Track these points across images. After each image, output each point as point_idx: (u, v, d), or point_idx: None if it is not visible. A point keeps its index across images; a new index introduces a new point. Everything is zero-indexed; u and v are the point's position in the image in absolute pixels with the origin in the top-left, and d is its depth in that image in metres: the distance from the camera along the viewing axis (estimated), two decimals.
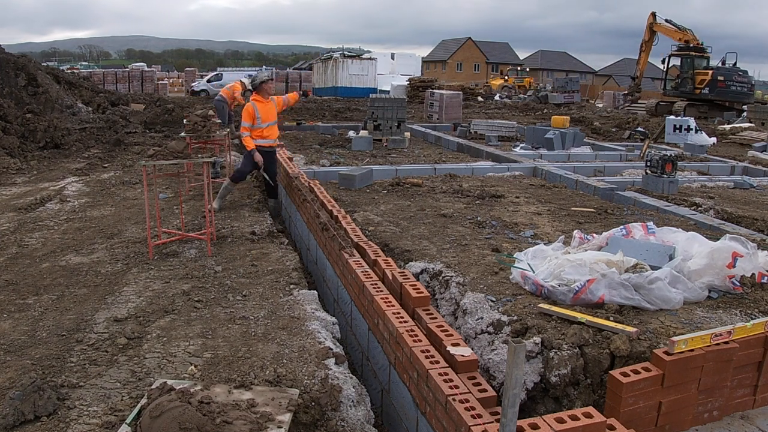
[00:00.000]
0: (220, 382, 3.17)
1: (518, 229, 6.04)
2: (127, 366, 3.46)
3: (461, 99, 21.38)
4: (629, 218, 6.54)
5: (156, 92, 32.57)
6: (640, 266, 4.05)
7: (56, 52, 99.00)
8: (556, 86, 35.17)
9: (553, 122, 17.18)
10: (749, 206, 7.78)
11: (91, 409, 3.00)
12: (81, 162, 10.89)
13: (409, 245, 5.43)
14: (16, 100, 12.91)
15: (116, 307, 4.33)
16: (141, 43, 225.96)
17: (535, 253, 4.53)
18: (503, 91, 39.03)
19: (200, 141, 7.74)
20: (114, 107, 17.64)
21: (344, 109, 23.73)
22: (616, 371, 2.93)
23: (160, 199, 7.56)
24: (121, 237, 6.21)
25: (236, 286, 4.77)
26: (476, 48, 70.41)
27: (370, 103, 13.53)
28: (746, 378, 3.29)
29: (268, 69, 43.22)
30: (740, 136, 17.44)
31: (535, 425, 2.40)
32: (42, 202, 7.70)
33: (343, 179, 8.43)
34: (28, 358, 3.55)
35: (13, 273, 5.12)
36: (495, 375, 3.51)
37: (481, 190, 7.88)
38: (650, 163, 8.63)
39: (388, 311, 3.59)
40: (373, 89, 31.53)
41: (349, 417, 3.16)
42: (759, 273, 4.21)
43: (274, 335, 3.83)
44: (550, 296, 3.97)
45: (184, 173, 6.93)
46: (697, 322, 3.69)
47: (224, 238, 6.16)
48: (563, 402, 3.40)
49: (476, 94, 35.48)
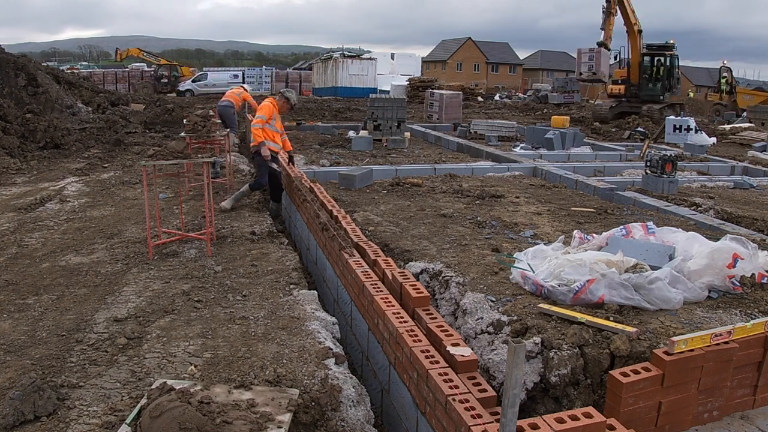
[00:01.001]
0: (220, 382, 3.17)
1: (518, 229, 6.04)
2: (127, 366, 3.45)
3: (461, 99, 21.38)
4: (629, 218, 6.54)
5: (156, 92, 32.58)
6: (640, 266, 4.05)
7: (56, 52, 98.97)
8: (556, 86, 35.16)
9: (553, 122, 17.20)
10: (749, 206, 7.78)
11: (91, 409, 3.00)
12: (81, 162, 10.88)
13: (409, 245, 5.43)
14: (16, 100, 12.90)
15: (116, 307, 4.33)
16: (141, 43, 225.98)
17: (535, 253, 4.53)
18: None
19: (200, 141, 7.74)
20: (114, 107, 17.63)
21: (344, 109, 23.72)
22: (616, 371, 2.93)
23: (160, 199, 7.56)
24: (121, 237, 6.21)
25: (236, 286, 4.77)
26: (476, 48, 70.37)
27: (370, 103, 13.54)
28: (746, 378, 3.29)
29: (268, 69, 43.12)
30: (740, 136, 17.45)
31: (535, 425, 2.40)
32: (42, 202, 7.69)
33: (343, 179, 8.43)
34: (28, 358, 3.55)
35: (13, 273, 5.12)
36: (495, 375, 3.51)
37: (481, 190, 7.88)
38: (650, 163, 8.63)
39: (388, 311, 3.59)
40: (373, 89, 31.52)
41: (349, 417, 3.16)
42: (759, 273, 4.22)
43: (274, 335, 3.83)
44: (550, 296, 3.97)
45: (184, 173, 6.93)
46: (697, 322, 3.69)
47: (224, 238, 6.16)
48: (563, 402, 3.40)
49: (476, 94, 35.49)
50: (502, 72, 69.70)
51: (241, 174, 10.03)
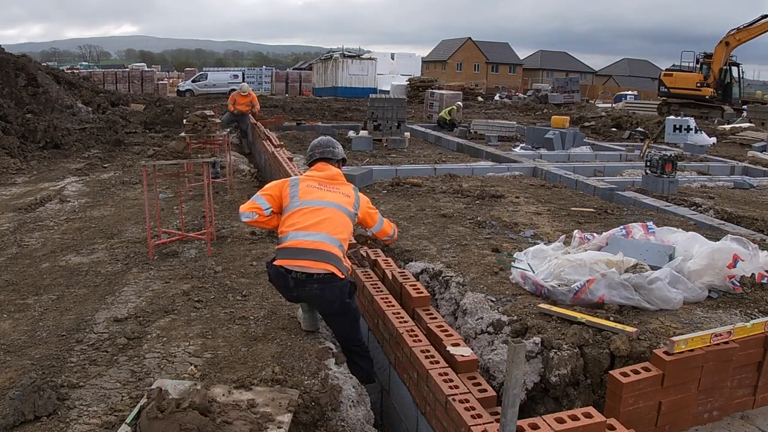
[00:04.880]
0: (220, 382, 3.16)
1: (518, 229, 6.04)
2: (127, 366, 3.45)
3: (461, 99, 21.38)
4: (629, 218, 6.54)
5: (156, 92, 32.58)
6: (640, 266, 4.05)
7: (56, 52, 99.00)
8: (556, 86, 35.16)
9: (553, 122, 17.21)
10: (749, 206, 7.78)
11: (91, 409, 3.00)
12: (81, 162, 10.89)
13: (409, 245, 5.43)
14: (16, 100, 12.91)
15: (116, 307, 4.33)
16: (141, 43, 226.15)
17: (535, 253, 4.53)
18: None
19: (200, 141, 7.74)
20: (114, 107, 17.63)
21: (344, 109, 23.73)
22: (616, 371, 2.93)
23: (160, 199, 7.56)
24: (121, 237, 6.21)
25: (236, 286, 4.77)
26: (476, 48, 70.36)
27: (370, 103, 13.55)
28: (746, 378, 3.29)
29: (268, 69, 43.09)
30: (740, 136, 17.44)
31: (535, 425, 2.40)
32: (42, 202, 7.69)
33: None
34: (28, 358, 3.55)
35: (13, 273, 5.12)
36: (495, 375, 3.51)
37: (481, 190, 7.88)
38: (650, 163, 8.63)
39: (388, 311, 3.59)
40: (373, 89, 31.54)
41: (349, 417, 3.16)
42: (759, 273, 4.22)
43: (274, 335, 3.83)
44: (550, 296, 3.97)
45: (184, 173, 6.93)
46: (697, 322, 3.69)
47: (224, 238, 6.15)
48: (563, 402, 3.40)
49: (476, 94, 35.48)
50: (502, 72, 69.66)
51: (241, 174, 10.04)
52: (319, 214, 3.53)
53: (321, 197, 3.62)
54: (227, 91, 33.38)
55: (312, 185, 3.68)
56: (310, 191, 3.64)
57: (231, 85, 35.39)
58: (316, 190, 3.66)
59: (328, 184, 3.72)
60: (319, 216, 3.52)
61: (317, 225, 3.47)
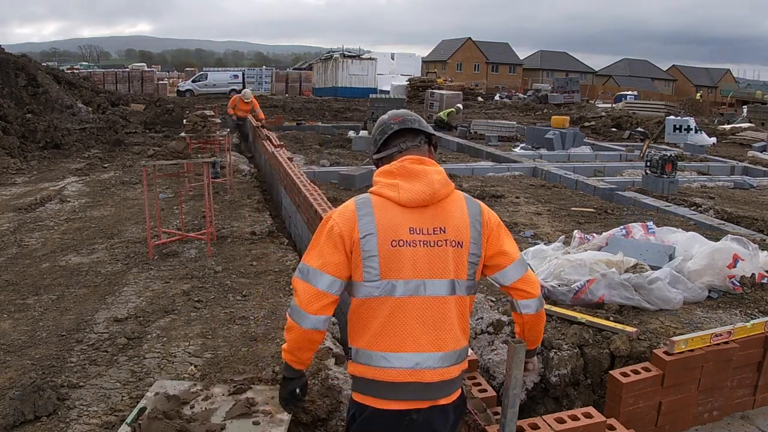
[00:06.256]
0: (220, 382, 3.17)
1: (518, 229, 6.04)
2: (127, 366, 3.45)
3: (461, 99, 21.38)
4: (629, 218, 6.54)
5: (156, 92, 32.57)
6: (640, 266, 4.05)
7: (56, 52, 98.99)
8: (556, 86, 35.17)
9: (553, 122, 17.21)
10: (749, 206, 7.78)
11: (91, 409, 3.00)
12: (81, 162, 10.89)
13: None
14: (16, 100, 12.91)
15: (116, 307, 4.33)
16: (141, 43, 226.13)
17: (535, 253, 4.53)
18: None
19: (200, 141, 7.74)
20: (114, 107, 17.63)
21: (344, 109, 23.73)
22: (616, 371, 2.93)
23: (160, 199, 7.56)
24: (121, 237, 6.21)
25: (236, 286, 4.77)
26: (476, 48, 70.38)
27: (370, 103, 13.57)
28: (746, 378, 3.29)
29: (268, 69, 43.05)
30: (740, 136, 17.45)
31: (535, 425, 2.40)
32: (42, 202, 7.69)
33: (343, 179, 8.43)
34: (28, 358, 3.55)
35: (13, 273, 5.12)
36: (495, 375, 3.51)
37: (481, 190, 7.88)
38: (650, 163, 8.63)
39: None
40: (373, 89, 31.53)
41: None
42: (759, 273, 4.21)
43: (274, 335, 3.83)
44: (550, 296, 3.97)
45: (184, 173, 6.93)
46: (697, 322, 3.69)
47: (224, 238, 6.16)
48: (563, 402, 3.40)
49: (476, 95, 35.49)
50: (502, 72, 69.66)
51: (240, 174, 10.04)
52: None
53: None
54: (227, 91, 33.42)
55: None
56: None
57: (231, 85, 35.42)
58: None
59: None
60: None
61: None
